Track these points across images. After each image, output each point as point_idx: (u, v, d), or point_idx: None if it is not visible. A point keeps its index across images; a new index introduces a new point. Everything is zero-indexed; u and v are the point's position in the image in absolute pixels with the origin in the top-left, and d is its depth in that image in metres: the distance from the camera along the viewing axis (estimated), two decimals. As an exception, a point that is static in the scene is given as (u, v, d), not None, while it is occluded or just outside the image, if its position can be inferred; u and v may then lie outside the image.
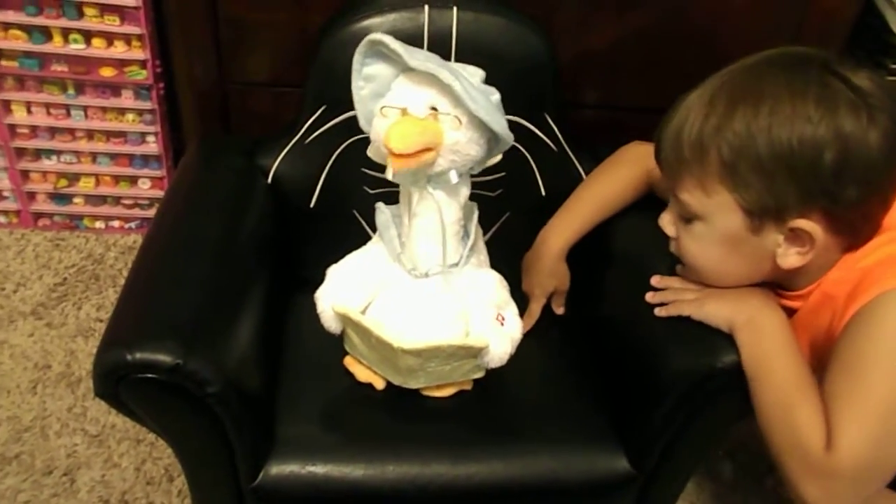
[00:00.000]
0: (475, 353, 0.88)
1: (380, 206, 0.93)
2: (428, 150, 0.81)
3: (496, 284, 0.92)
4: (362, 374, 0.95)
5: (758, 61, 0.80)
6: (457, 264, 0.90)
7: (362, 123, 0.88)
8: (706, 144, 0.78)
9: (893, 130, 0.74)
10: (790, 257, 0.80)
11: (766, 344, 0.81)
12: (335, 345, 0.95)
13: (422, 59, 0.81)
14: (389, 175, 0.84)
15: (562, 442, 0.94)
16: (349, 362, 0.97)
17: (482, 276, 0.92)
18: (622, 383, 0.96)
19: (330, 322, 0.91)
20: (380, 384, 0.94)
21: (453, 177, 0.85)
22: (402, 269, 0.90)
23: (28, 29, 1.35)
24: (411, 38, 0.97)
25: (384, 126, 0.82)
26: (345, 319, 0.89)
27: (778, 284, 0.87)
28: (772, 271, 0.83)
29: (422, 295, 0.89)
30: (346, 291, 0.90)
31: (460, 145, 0.83)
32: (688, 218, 0.84)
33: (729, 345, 0.83)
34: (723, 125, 0.77)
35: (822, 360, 0.81)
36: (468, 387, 0.96)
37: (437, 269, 0.89)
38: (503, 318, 0.90)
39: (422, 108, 0.82)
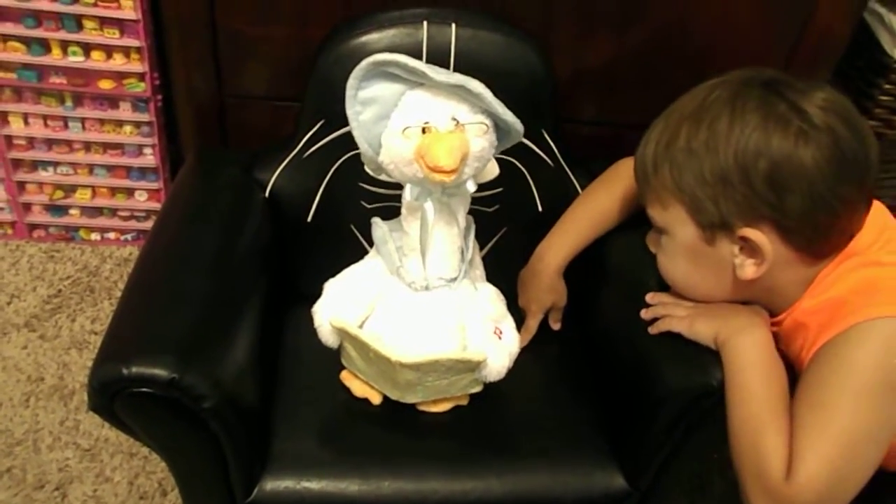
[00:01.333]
0: (473, 367, 0.88)
1: (376, 220, 0.93)
2: (463, 160, 0.81)
3: (493, 298, 0.92)
4: (359, 389, 0.95)
5: (712, 82, 0.84)
6: (455, 279, 0.90)
7: (364, 148, 0.85)
8: (659, 162, 0.83)
9: (833, 151, 0.76)
10: (747, 268, 0.81)
11: (744, 362, 0.81)
12: (332, 359, 0.95)
13: (440, 72, 0.80)
14: (409, 194, 0.84)
15: (558, 459, 0.94)
16: (346, 377, 0.96)
17: (480, 289, 0.92)
18: (618, 400, 0.97)
19: (327, 336, 0.91)
20: (376, 399, 0.94)
21: (471, 186, 0.86)
22: (401, 283, 0.90)
23: (27, 41, 1.35)
24: (410, 54, 0.97)
25: (411, 147, 0.80)
26: (342, 333, 0.89)
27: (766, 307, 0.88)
28: (739, 286, 0.84)
29: (420, 308, 0.89)
30: (344, 305, 0.90)
31: (485, 151, 0.83)
32: (659, 233, 0.88)
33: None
34: (671, 142, 0.82)
35: (791, 388, 0.81)
36: (464, 402, 0.96)
37: (440, 283, 0.89)
38: (501, 332, 0.90)
39: (446, 120, 0.81)
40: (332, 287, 0.92)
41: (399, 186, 1.03)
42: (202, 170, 1.10)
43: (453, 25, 1.01)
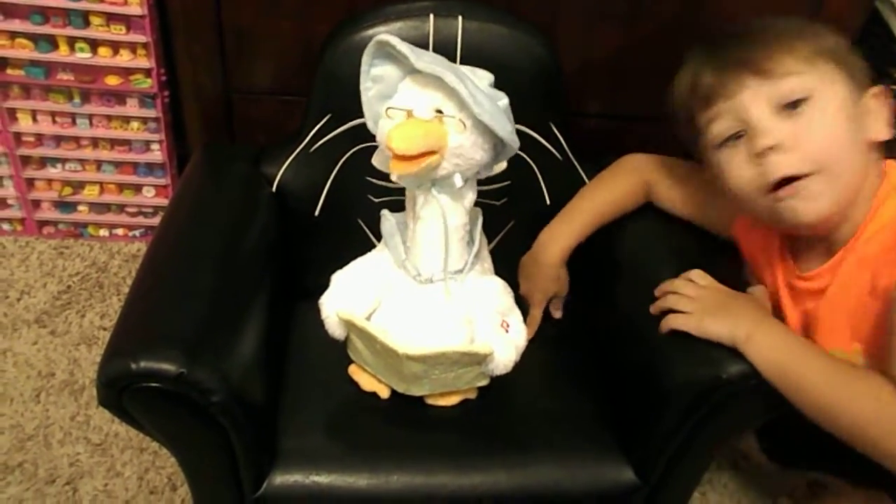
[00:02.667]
0: (480, 359, 0.88)
1: (385, 213, 0.93)
2: (432, 153, 0.81)
3: (501, 291, 0.92)
4: (367, 382, 0.95)
5: None
6: (461, 271, 0.90)
7: (370, 125, 0.87)
8: (783, 35, 0.85)
9: None
10: (880, 125, 0.85)
11: (783, 351, 0.81)
12: (340, 353, 0.95)
13: (428, 61, 0.81)
14: (394, 177, 0.84)
15: (566, 452, 0.94)
16: (354, 371, 0.96)
17: (486, 282, 0.92)
18: (627, 393, 0.96)
19: (334, 328, 0.91)
20: (384, 393, 0.94)
21: (457, 181, 0.85)
22: (407, 276, 0.90)
23: (34, 38, 1.35)
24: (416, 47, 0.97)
25: (388, 127, 0.82)
26: (349, 326, 0.89)
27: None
28: (865, 153, 0.85)
29: (426, 301, 0.89)
30: (351, 298, 0.90)
31: (464, 149, 0.82)
32: (793, 103, 0.83)
33: (733, 355, 0.83)
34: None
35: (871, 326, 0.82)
36: (473, 395, 0.95)
37: (441, 276, 0.89)
38: (507, 325, 0.90)
39: (427, 110, 0.81)
40: (339, 279, 0.92)
41: (408, 181, 1.03)
42: (209, 165, 1.10)
43: (460, 18, 1.01)
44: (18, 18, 1.33)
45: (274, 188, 1.07)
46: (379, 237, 0.96)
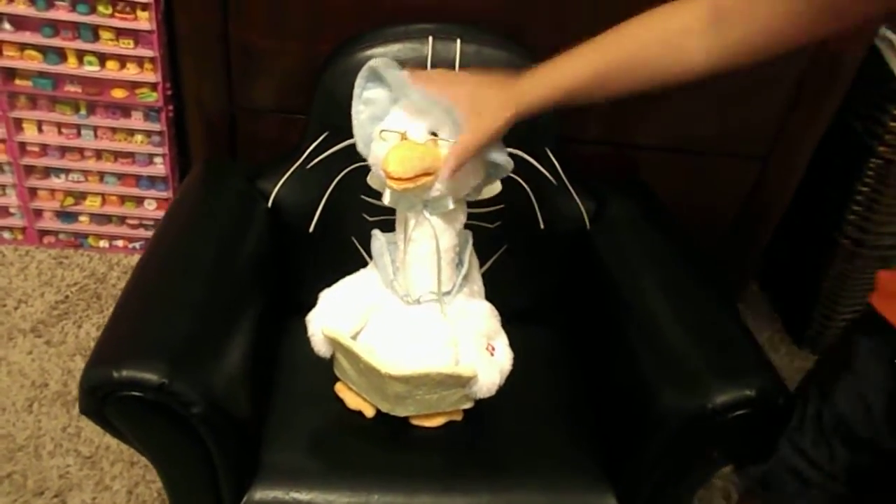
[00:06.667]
0: (463, 382, 0.87)
1: (375, 233, 0.93)
2: (426, 174, 0.81)
3: (487, 314, 0.92)
4: (352, 401, 0.95)
5: None
6: (449, 292, 0.90)
7: (360, 147, 0.88)
8: None
9: None
10: None
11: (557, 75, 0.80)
12: (327, 371, 0.95)
13: (417, 92, 0.81)
14: (386, 199, 0.85)
15: (549, 478, 0.93)
16: (340, 389, 0.96)
17: (474, 305, 0.92)
18: (613, 420, 0.95)
19: (320, 346, 0.91)
20: (370, 412, 0.94)
21: (449, 203, 0.85)
22: (395, 296, 0.90)
23: (43, 49, 1.37)
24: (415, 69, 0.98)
25: (383, 150, 0.82)
26: (335, 343, 0.89)
27: None
28: None
29: (413, 322, 0.89)
30: (338, 316, 0.90)
31: (459, 171, 0.83)
32: None
33: (723, 386, 0.82)
34: None
35: None
36: (458, 417, 0.95)
37: (430, 297, 0.89)
38: (493, 349, 0.90)
39: (421, 132, 0.82)
40: (327, 297, 0.92)
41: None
42: (206, 179, 1.11)
43: (458, 41, 1.02)
44: (29, 30, 1.36)
45: (269, 204, 1.07)
46: (372, 255, 0.96)
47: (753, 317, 1.68)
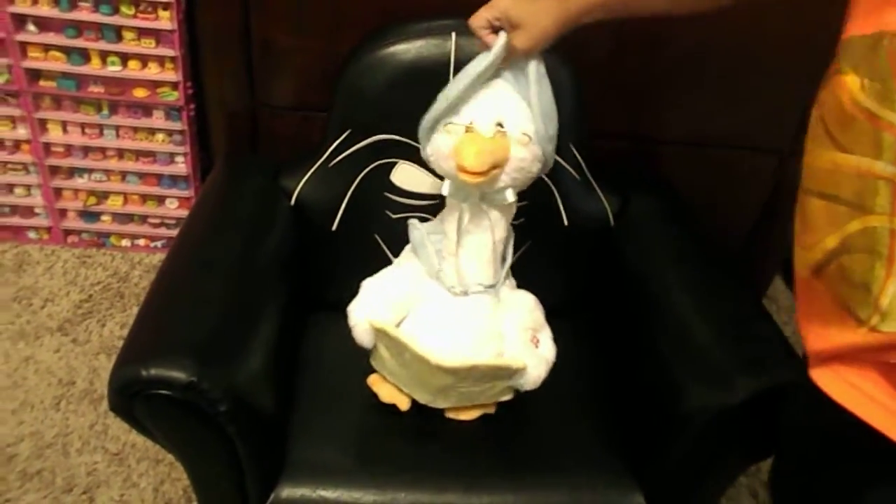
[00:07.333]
0: (511, 374, 0.87)
1: (413, 222, 0.92)
2: (496, 167, 0.81)
3: (532, 306, 0.92)
4: (387, 393, 0.93)
5: None
6: (494, 285, 0.89)
7: (421, 135, 0.88)
8: None
9: None
10: None
11: None
12: (354, 366, 0.95)
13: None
14: (445, 190, 0.85)
15: (577, 476, 0.92)
16: (374, 381, 0.95)
17: (520, 296, 0.92)
18: (639, 418, 0.95)
19: (362, 336, 0.89)
20: (404, 404, 0.92)
21: (510, 195, 0.85)
22: (440, 287, 0.89)
23: (67, 50, 1.38)
24: (437, 65, 0.98)
25: (447, 143, 0.81)
26: (380, 334, 0.88)
27: None
28: None
29: (460, 313, 0.88)
30: (381, 306, 0.89)
31: (526, 162, 0.83)
32: None
33: (750, 380, 0.81)
34: None
35: None
36: (492, 410, 0.94)
37: (478, 288, 0.88)
38: (537, 341, 0.89)
39: (489, 125, 0.81)
40: (369, 286, 0.91)
41: (425, 197, 1.04)
42: (229, 177, 1.11)
43: (481, 36, 1.01)
44: (53, 31, 1.37)
45: (293, 201, 1.07)
46: (395, 252, 0.96)
47: (779, 311, 1.66)
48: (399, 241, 0.99)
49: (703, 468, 0.87)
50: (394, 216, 1.06)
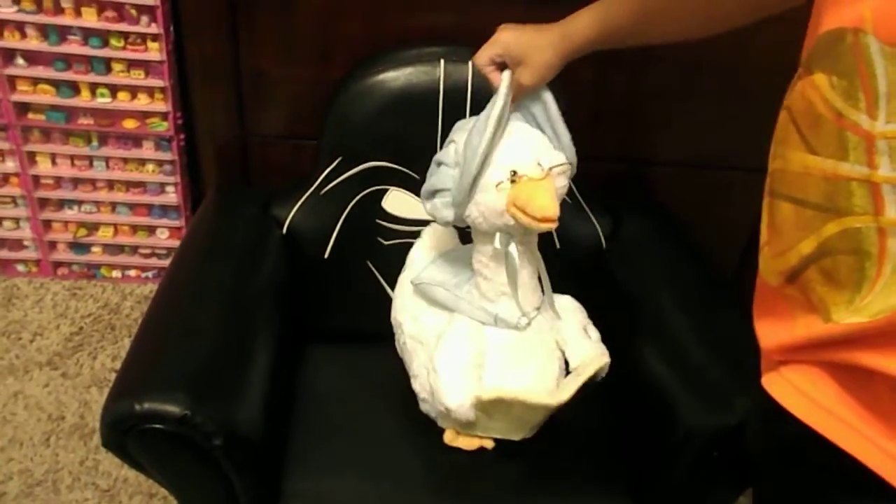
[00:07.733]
0: (600, 377, 0.89)
1: (425, 287, 0.92)
2: None
3: (577, 306, 0.95)
4: (469, 442, 0.93)
5: None
6: (538, 307, 0.91)
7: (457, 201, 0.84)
8: None
9: None
10: None
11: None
12: (348, 398, 0.95)
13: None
14: (498, 243, 0.84)
15: (575, 499, 0.92)
16: (451, 438, 0.93)
17: (563, 300, 0.94)
18: (636, 439, 0.94)
19: (467, 414, 0.85)
20: (490, 444, 0.93)
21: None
22: (496, 328, 0.88)
23: (56, 83, 1.38)
24: (427, 92, 0.98)
25: (500, 199, 0.80)
26: (489, 403, 0.84)
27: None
28: None
29: (530, 343, 0.89)
30: (469, 378, 0.86)
31: (564, 189, 0.85)
32: None
33: (744, 402, 0.81)
34: None
35: None
36: (489, 445, 0.94)
37: (534, 312, 0.89)
38: (588, 332, 0.93)
39: (533, 166, 0.81)
40: (445, 366, 0.86)
41: (416, 223, 1.04)
42: (220, 206, 1.10)
43: (470, 64, 1.01)
44: (42, 65, 1.36)
45: (284, 230, 1.07)
46: (388, 279, 0.95)
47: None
48: (392, 267, 0.99)
49: (702, 490, 0.86)
50: (386, 243, 1.06)
